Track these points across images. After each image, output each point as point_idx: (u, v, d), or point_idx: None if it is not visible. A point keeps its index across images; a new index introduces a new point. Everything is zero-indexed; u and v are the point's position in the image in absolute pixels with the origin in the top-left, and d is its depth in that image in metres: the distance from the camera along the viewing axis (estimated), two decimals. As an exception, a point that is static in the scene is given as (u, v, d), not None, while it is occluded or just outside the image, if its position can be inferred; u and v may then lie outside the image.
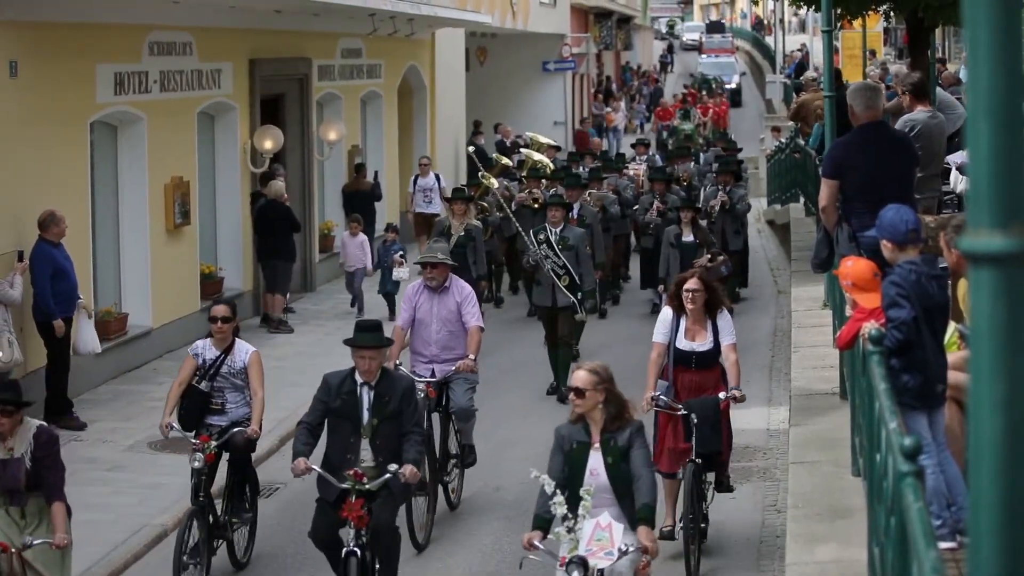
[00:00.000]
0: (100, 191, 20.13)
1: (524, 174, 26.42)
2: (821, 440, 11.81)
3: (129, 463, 15.81)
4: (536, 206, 24.10)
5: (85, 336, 17.55)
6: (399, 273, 23.41)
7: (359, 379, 11.24)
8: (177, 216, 21.44)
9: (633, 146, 38.15)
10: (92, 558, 12.98)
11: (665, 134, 51.68)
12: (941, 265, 8.91)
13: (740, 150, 34.83)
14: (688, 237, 21.40)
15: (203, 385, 12.71)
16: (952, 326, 9.30)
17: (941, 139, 13.72)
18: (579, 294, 19.06)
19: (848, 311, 9.39)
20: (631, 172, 30.10)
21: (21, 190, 17.35)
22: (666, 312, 12.98)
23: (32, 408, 17.29)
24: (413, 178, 30.40)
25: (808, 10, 29.54)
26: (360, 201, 28.21)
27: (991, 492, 2.53)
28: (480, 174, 25.23)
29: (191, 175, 22.07)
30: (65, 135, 18.49)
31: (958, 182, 15.70)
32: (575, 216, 21.39)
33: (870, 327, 8.46)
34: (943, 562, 5.27)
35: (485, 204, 24.40)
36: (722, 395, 12.56)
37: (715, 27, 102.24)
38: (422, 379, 14.03)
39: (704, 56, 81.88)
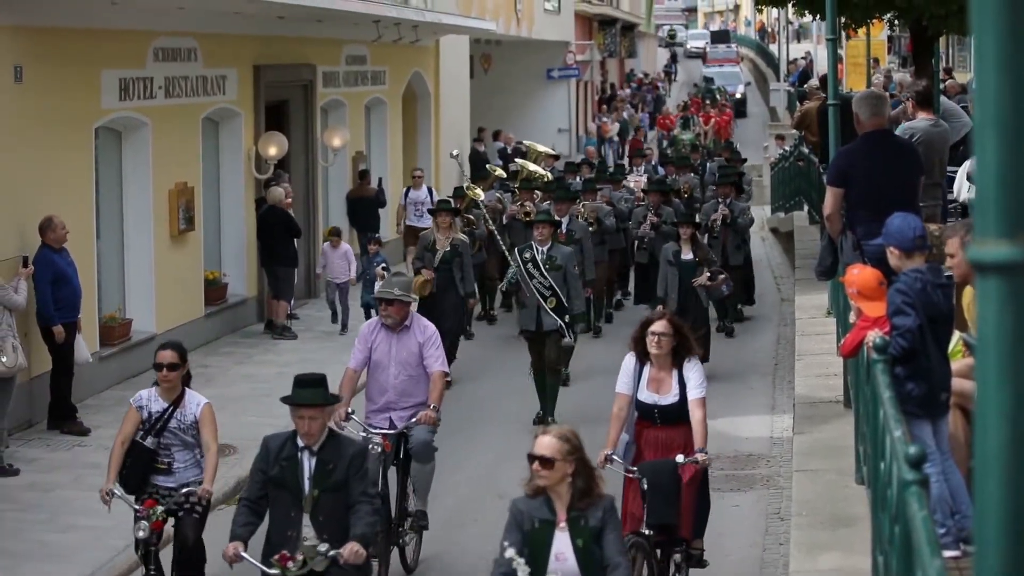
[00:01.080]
0: (104, 196, 20.14)
1: (517, 185, 25.39)
2: (825, 448, 11.82)
3: (132, 469, 15.79)
4: (528, 219, 22.36)
5: (76, 347, 17.49)
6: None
7: (301, 443, 9.60)
8: (181, 222, 21.45)
9: (631, 157, 36.99)
10: (94, 564, 12.99)
11: (665, 143, 51.21)
12: (946, 274, 8.91)
13: (744, 161, 33.54)
14: (687, 255, 19.97)
15: (148, 441, 11.20)
16: (956, 335, 9.30)
17: (943, 147, 13.71)
18: (567, 317, 17.72)
19: (852, 319, 9.38)
20: (631, 184, 28.48)
21: (25, 195, 17.36)
22: (629, 358, 11.19)
23: (37, 414, 17.35)
24: (405, 190, 29.44)
25: (814, 19, 29.58)
26: (364, 208, 28.24)
27: (997, 500, 2.53)
28: (465, 184, 24.43)
29: (196, 181, 22.09)
30: (70, 140, 18.50)
31: (962, 190, 15.70)
32: (564, 231, 20.71)
33: (874, 335, 8.47)
34: (947, 571, 5.27)
35: (472, 217, 23.31)
36: (680, 458, 10.73)
37: (720, 37, 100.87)
38: (378, 431, 12.60)
39: (708, 66, 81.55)
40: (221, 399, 18.69)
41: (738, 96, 69.42)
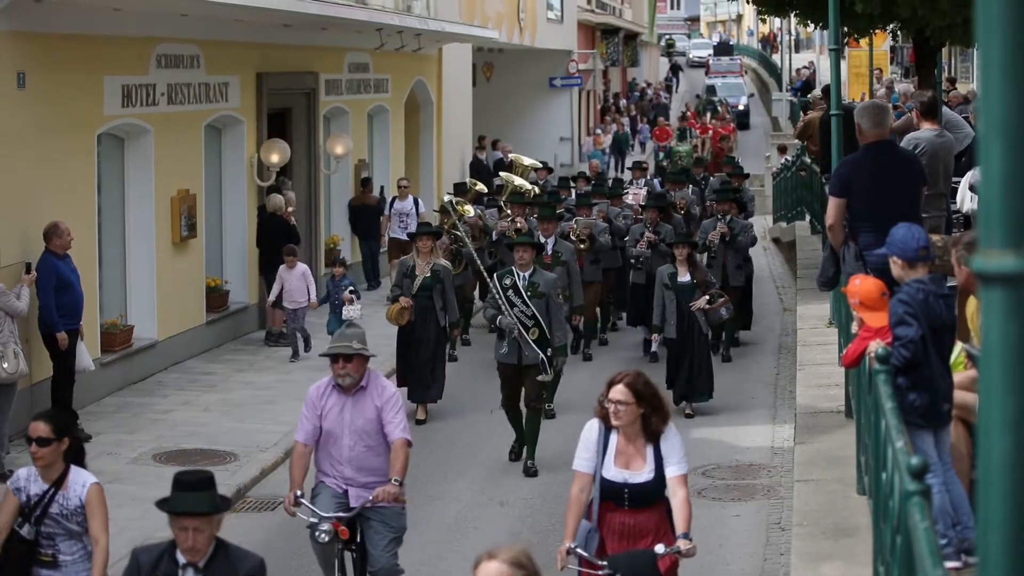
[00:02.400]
0: (107, 203, 20.15)
1: (505, 199, 24.06)
2: (826, 458, 11.82)
3: (133, 475, 15.81)
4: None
5: (78, 355, 17.47)
6: (350, 311, 20.61)
7: (181, 558, 7.70)
8: (183, 229, 21.45)
9: (631, 169, 34.82)
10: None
11: (661, 155, 50.37)
12: (949, 284, 8.91)
13: (747, 176, 31.48)
14: (684, 277, 18.70)
15: (26, 530, 9.21)
16: (959, 345, 9.30)
17: (947, 158, 13.72)
18: (548, 350, 16.21)
19: (854, 329, 9.38)
20: (630, 199, 26.58)
21: (28, 201, 17.36)
22: (592, 426, 9.08)
23: (28, 418, 17.30)
24: (390, 200, 28.56)
25: (816, 28, 29.60)
26: (366, 216, 28.24)
27: (1001, 512, 2.52)
28: (453, 200, 23.37)
29: (198, 188, 22.10)
30: (72, 147, 18.50)
31: (964, 201, 15.70)
32: (550, 252, 19.59)
33: (877, 345, 8.47)
34: (949, 582, 5.27)
35: (459, 234, 21.85)
36: (660, 548, 8.80)
37: (723, 49, 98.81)
38: (327, 517, 10.58)
39: (710, 77, 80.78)
40: (223, 406, 18.75)
41: (741, 108, 68.84)
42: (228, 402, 18.82)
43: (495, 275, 17.07)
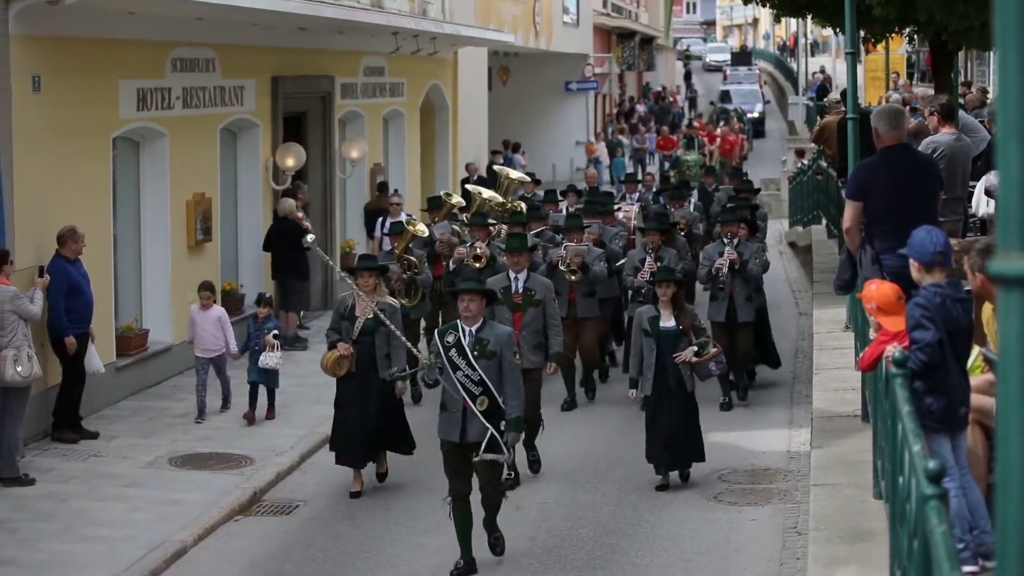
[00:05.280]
0: (122, 207, 20.17)
1: (468, 217, 21.03)
2: (843, 462, 11.78)
3: (148, 479, 15.82)
4: (479, 265, 18.69)
5: (88, 358, 17.48)
6: (267, 359, 18.42)
7: None
8: (199, 232, 21.47)
9: (623, 181, 31.21)
10: (108, 574, 12.96)
11: (667, 165, 48.58)
12: (966, 288, 8.88)
13: (758, 191, 29.21)
14: (668, 322, 15.71)
15: None
16: (976, 349, 9.27)
17: (965, 162, 13.68)
18: (501, 424, 12.91)
19: (871, 334, 9.35)
20: (621, 215, 23.59)
21: (43, 205, 17.38)
22: None
23: (42, 422, 17.34)
24: (381, 220, 25.84)
25: (835, 32, 29.60)
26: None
27: (1019, 516, 2.50)
28: (405, 219, 21.26)
29: (213, 192, 22.12)
30: (87, 150, 18.52)
31: (980, 205, 15.65)
32: (520, 291, 16.26)
33: (893, 349, 8.44)
34: (966, 587, 5.24)
35: (414, 259, 19.45)
36: None
37: (741, 58, 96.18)
38: None
39: (725, 83, 79.66)
40: (238, 409, 18.74)
41: (755, 115, 67.74)
42: (243, 406, 18.80)
43: (436, 332, 13.80)
